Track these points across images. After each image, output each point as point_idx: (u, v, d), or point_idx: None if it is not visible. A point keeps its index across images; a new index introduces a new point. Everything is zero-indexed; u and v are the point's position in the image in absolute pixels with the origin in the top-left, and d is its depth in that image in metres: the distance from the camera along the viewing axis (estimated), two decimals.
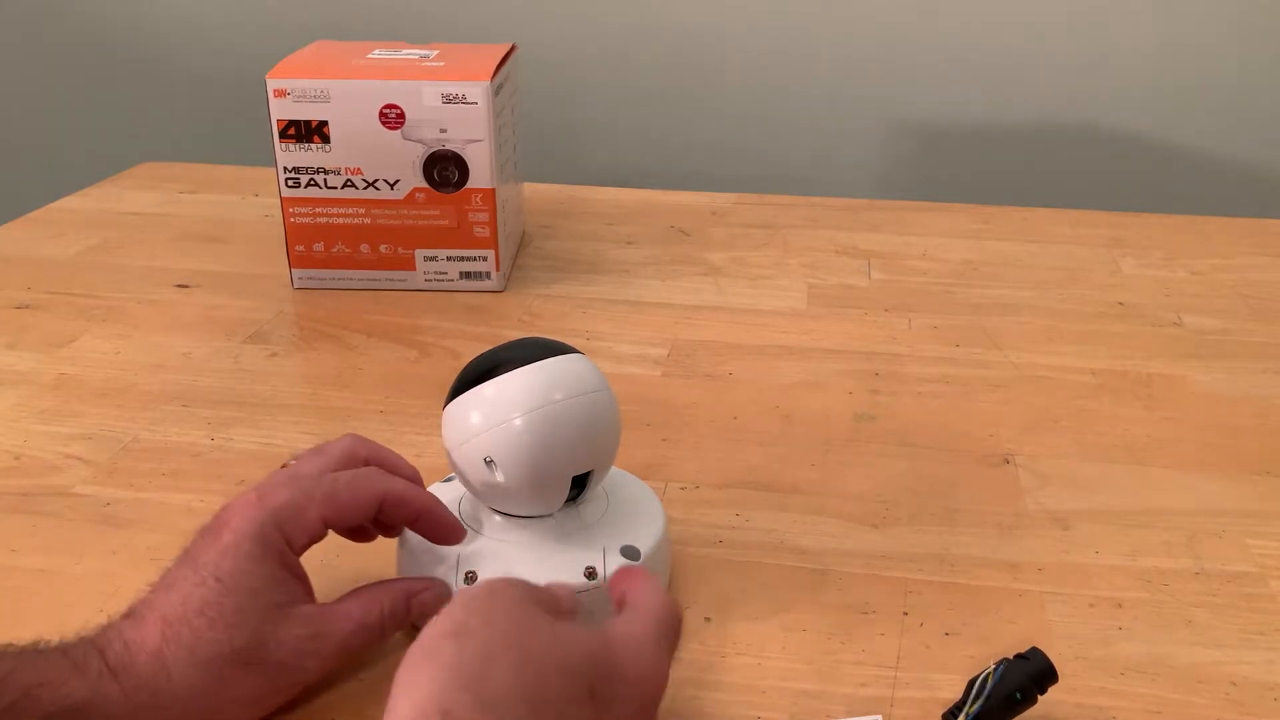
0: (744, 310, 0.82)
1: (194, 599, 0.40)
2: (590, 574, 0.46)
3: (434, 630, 0.33)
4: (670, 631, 0.39)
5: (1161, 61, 1.25)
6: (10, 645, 0.38)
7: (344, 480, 0.44)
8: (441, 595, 0.45)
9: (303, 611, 0.42)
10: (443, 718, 0.30)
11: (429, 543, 0.48)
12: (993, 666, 0.41)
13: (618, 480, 0.53)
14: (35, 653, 0.38)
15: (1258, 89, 1.25)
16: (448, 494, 0.51)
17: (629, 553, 0.47)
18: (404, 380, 0.71)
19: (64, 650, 0.39)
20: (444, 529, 0.47)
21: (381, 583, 0.45)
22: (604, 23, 1.34)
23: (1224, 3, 1.22)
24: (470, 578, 0.46)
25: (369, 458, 0.47)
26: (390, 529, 0.48)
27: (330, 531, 0.44)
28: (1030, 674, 0.41)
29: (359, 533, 0.48)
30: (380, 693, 0.32)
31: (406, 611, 0.45)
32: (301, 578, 0.43)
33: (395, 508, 0.45)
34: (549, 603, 0.36)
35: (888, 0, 1.27)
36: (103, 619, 0.41)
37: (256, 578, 0.41)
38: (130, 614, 0.41)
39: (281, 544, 0.42)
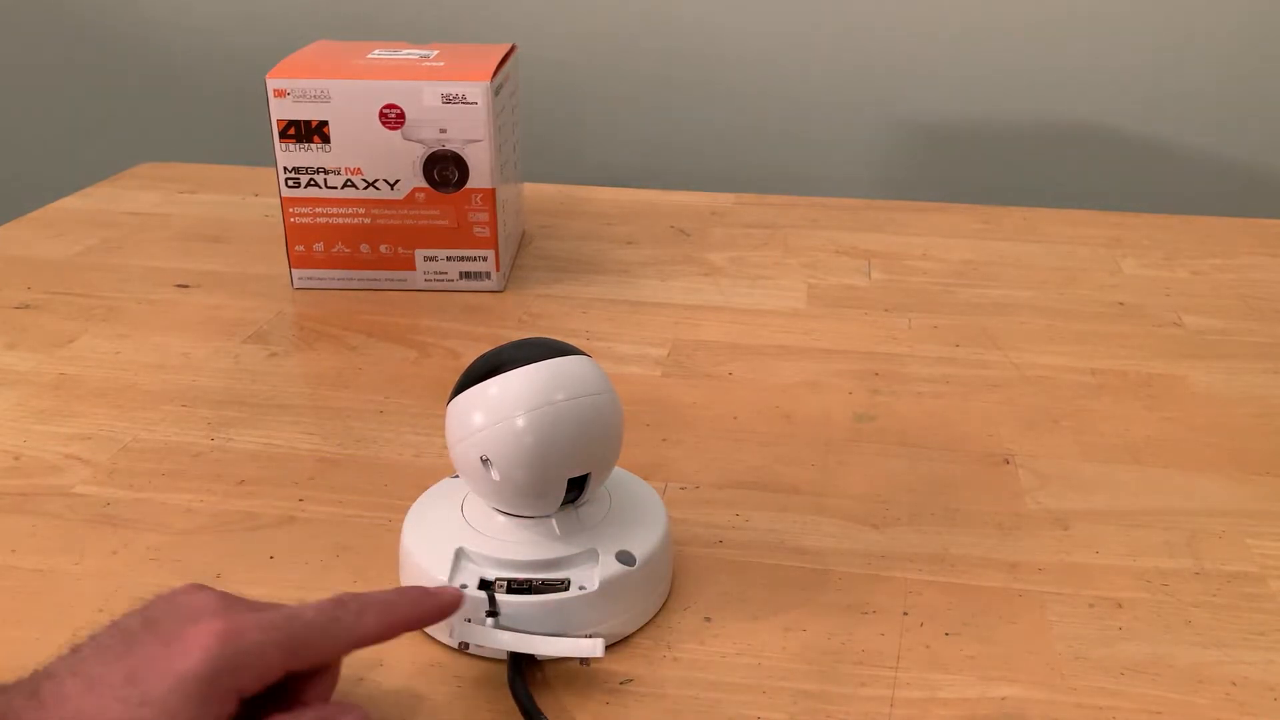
0: (744, 310, 0.82)
1: (110, 714, 0.35)
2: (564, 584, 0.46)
3: None
4: None
5: (1161, 61, 1.25)
6: None
7: (319, 624, 0.40)
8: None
9: None
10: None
11: (427, 545, 0.48)
12: None
13: (621, 481, 0.53)
14: None
15: (1257, 89, 1.25)
16: (454, 490, 0.51)
17: (624, 558, 0.47)
18: (404, 380, 0.71)
19: None
20: (438, 611, 0.44)
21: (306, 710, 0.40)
22: (604, 23, 1.34)
23: (1223, 3, 1.22)
24: (484, 584, 0.46)
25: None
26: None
27: None
28: None
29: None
30: None
31: None
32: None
33: (383, 638, 0.42)
34: None
35: (888, 0, 1.27)
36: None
37: None
38: (33, 694, 0.36)
39: (231, 693, 0.37)
